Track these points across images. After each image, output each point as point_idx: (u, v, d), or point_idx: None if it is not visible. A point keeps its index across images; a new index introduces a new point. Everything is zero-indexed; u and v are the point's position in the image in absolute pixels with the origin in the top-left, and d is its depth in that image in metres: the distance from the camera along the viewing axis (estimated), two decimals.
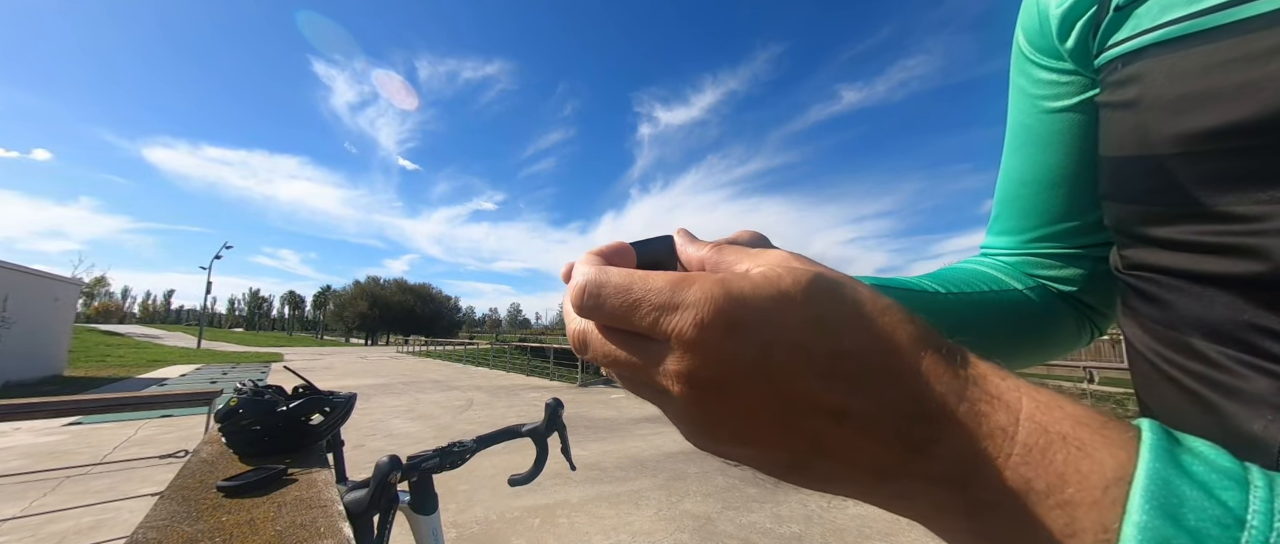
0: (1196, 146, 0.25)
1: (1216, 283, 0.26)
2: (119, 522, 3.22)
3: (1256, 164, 0.24)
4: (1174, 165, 0.27)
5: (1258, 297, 0.25)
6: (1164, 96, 0.27)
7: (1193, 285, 0.28)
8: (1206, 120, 0.25)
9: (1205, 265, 0.27)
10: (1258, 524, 0.13)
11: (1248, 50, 0.23)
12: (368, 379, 12.90)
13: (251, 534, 0.57)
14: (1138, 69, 0.29)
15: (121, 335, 36.73)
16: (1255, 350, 0.25)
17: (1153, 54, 0.28)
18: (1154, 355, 0.31)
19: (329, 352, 30.36)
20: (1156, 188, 0.28)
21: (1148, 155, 0.28)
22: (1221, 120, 0.24)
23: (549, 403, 1.07)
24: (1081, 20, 0.34)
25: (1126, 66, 0.30)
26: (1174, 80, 0.26)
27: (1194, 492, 0.14)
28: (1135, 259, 0.32)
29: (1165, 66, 0.27)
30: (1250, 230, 0.24)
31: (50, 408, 1.90)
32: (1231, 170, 0.25)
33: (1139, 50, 0.29)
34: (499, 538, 3.16)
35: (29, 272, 12.63)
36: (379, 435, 6.18)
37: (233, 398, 0.93)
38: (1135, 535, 0.14)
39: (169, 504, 0.65)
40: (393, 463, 0.80)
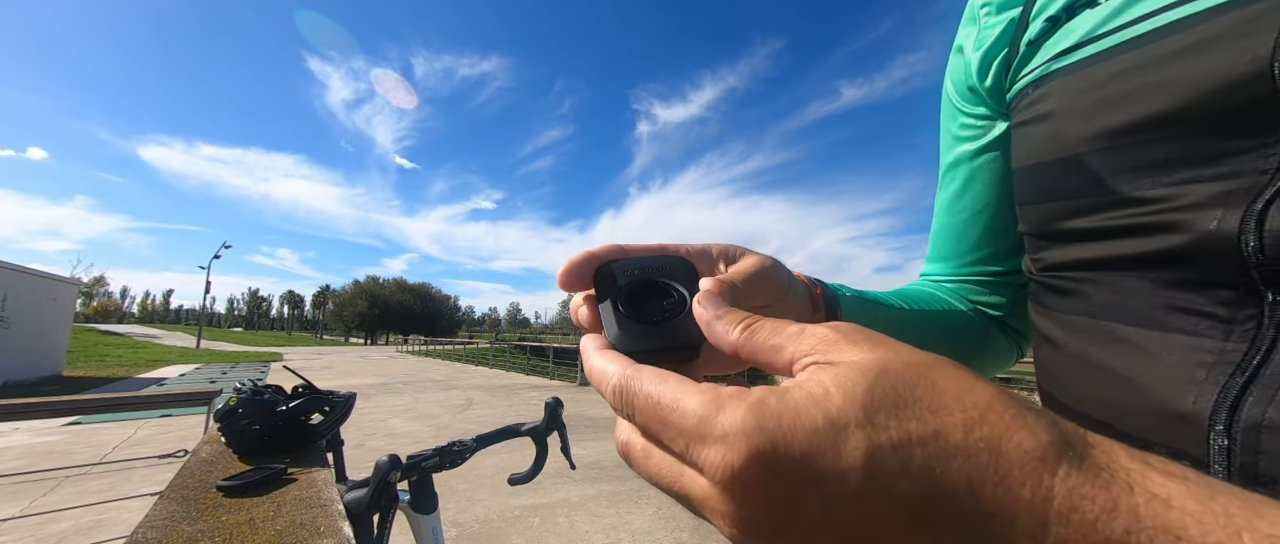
0: (1109, 142, 0.29)
1: (1132, 265, 0.29)
2: (119, 522, 3.22)
3: (1162, 152, 0.27)
4: (1090, 161, 0.30)
5: (1171, 276, 0.27)
6: (1077, 105, 0.31)
7: (1108, 274, 0.31)
8: (1118, 118, 0.29)
9: (1121, 249, 0.30)
10: None
11: (1145, 59, 0.28)
12: (367, 378, 12.90)
13: (251, 534, 0.57)
14: (1049, 88, 0.33)
15: (120, 335, 36.72)
16: (1174, 329, 0.27)
17: (1061, 74, 0.33)
18: (1074, 347, 0.33)
19: (328, 351, 30.34)
20: (1074, 184, 0.32)
21: (1065, 156, 0.32)
22: (1131, 117, 0.28)
23: (549, 402, 1.07)
24: (997, 60, 0.40)
25: (1037, 89, 0.35)
26: (1084, 91, 0.31)
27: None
28: (1050, 260, 0.35)
29: (1075, 81, 0.31)
30: (1163, 208, 0.27)
31: (49, 408, 1.90)
32: (1142, 159, 0.28)
33: (1048, 74, 0.34)
34: (499, 537, 3.16)
35: (28, 271, 12.62)
36: (379, 435, 6.18)
37: (232, 398, 0.93)
38: None
39: (169, 504, 0.65)
40: (392, 462, 0.80)
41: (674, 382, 0.18)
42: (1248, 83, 0.24)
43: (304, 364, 18.01)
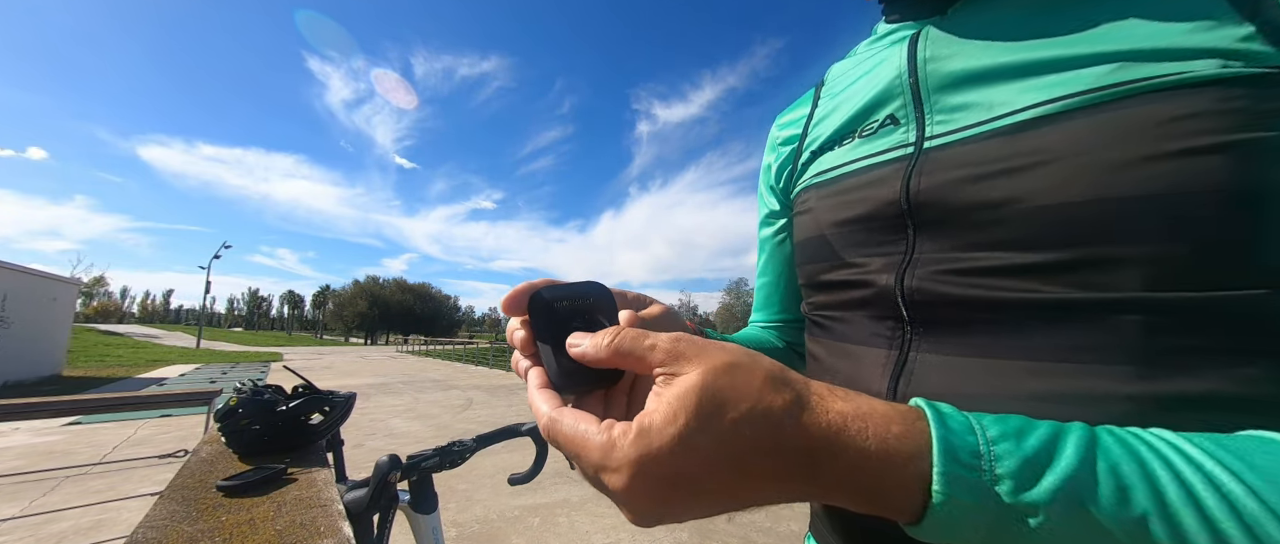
0: (838, 229, 0.46)
1: (853, 307, 0.45)
2: (119, 521, 3.22)
3: (860, 237, 0.44)
4: (830, 238, 0.47)
5: (869, 313, 0.43)
6: (824, 205, 0.49)
7: (842, 312, 0.47)
8: (842, 215, 0.46)
9: (847, 296, 0.46)
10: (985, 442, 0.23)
11: (852, 184, 0.45)
12: (367, 378, 12.90)
13: (251, 534, 0.57)
14: (810, 194, 0.51)
15: (120, 335, 36.71)
16: (872, 345, 0.43)
17: (817, 187, 0.50)
18: (827, 361, 0.49)
19: (328, 351, 30.33)
20: (823, 252, 0.48)
21: (819, 234, 0.49)
22: (846, 215, 0.45)
23: None
24: (784, 171, 0.59)
25: (805, 194, 0.53)
26: (827, 197, 0.48)
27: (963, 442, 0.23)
28: (817, 302, 0.51)
29: (823, 192, 0.49)
30: (864, 271, 0.43)
31: (49, 408, 1.90)
32: (852, 240, 0.45)
33: (811, 185, 0.52)
34: (499, 537, 3.16)
35: (28, 271, 12.61)
36: (379, 435, 6.18)
37: (232, 397, 0.93)
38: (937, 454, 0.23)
39: (169, 504, 0.65)
40: (392, 462, 0.80)
41: (583, 424, 0.26)
42: (892, 204, 0.41)
43: (304, 364, 18.00)
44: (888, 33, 0.48)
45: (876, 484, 0.24)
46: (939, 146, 0.39)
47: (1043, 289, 0.32)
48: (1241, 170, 0.27)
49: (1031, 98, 0.34)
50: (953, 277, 0.37)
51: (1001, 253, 0.34)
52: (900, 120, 0.42)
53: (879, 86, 0.44)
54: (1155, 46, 0.30)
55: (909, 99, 0.42)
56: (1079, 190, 0.30)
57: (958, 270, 0.36)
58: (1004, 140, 0.34)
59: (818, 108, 0.54)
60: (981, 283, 0.35)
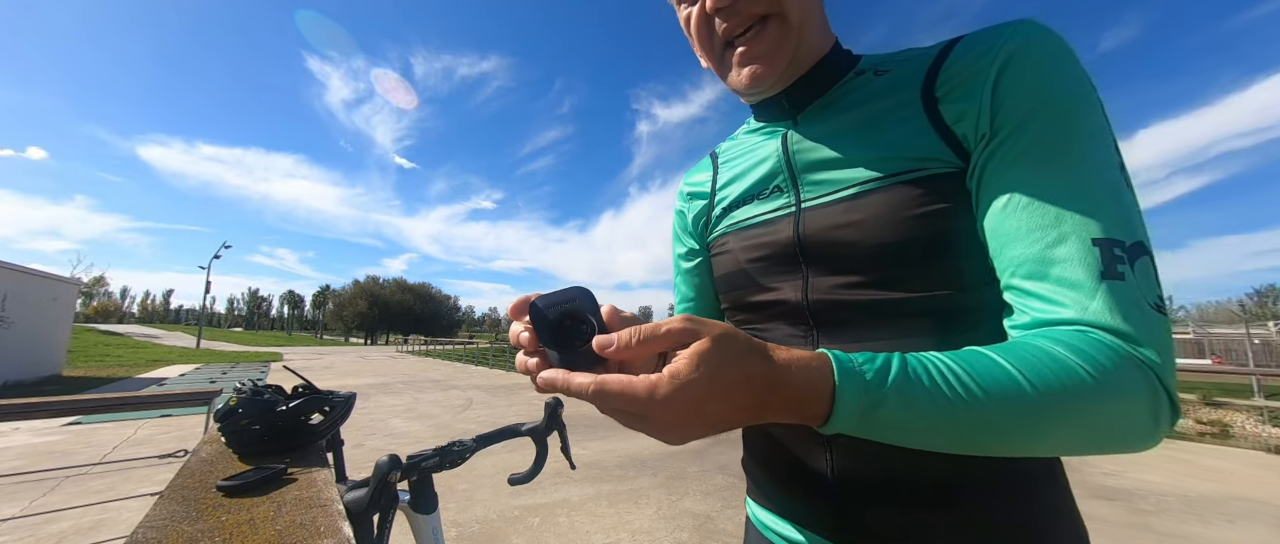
0: (753, 263, 0.63)
1: (772, 319, 0.62)
2: (119, 522, 3.22)
3: (770, 267, 0.61)
4: (748, 270, 0.64)
5: (786, 324, 0.60)
6: (741, 245, 0.65)
7: (764, 324, 0.63)
8: (755, 254, 0.63)
9: (768, 313, 0.62)
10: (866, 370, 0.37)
11: (759, 230, 0.63)
12: (367, 378, 12.90)
13: (251, 534, 0.57)
14: (728, 237, 0.68)
15: (120, 335, 36.70)
16: (796, 343, 0.58)
17: (734, 231, 0.67)
18: None
19: (328, 351, 30.33)
20: (743, 281, 0.65)
21: (738, 268, 0.65)
22: (758, 254, 0.62)
23: (549, 402, 1.07)
24: (700, 219, 0.75)
25: (723, 238, 0.69)
26: (744, 239, 0.65)
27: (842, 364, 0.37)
28: (742, 318, 0.67)
29: (740, 236, 0.66)
30: (777, 293, 0.61)
31: (49, 408, 1.90)
32: (765, 271, 0.62)
33: (727, 231, 0.68)
34: (499, 537, 3.16)
35: (28, 271, 12.60)
36: (379, 435, 6.18)
37: (232, 397, 0.93)
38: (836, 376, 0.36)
39: (169, 504, 0.65)
40: (392, 462, 0.80)
41: (626, 381, 0.35)
42: (790, 244, 0.59)
43: (304, 364, 18.00)
44: (760, 128, 0.68)
45: (804, 399, 0.36)
46: (810, 207, 0.58)
47: (878, 294, 0.52)
48: (941, 225, 0.49)
49: (855, 177, 0.54)
50: (835, 291, 0.55)
51: (856, 275, 0.53)
52: (783, 189, 0.61)
53: (768, 167, 0.64)
54: (910, 154, 0.51)
55: (786, 175, 0.61)
56: (884, 235, 0.51)
57: (836, 286, 0.55)
58: (846, 204, 0.54)
59: (719, 175, 0.73)
60: (850, 294, 0.54)
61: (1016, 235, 0.44)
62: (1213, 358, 25.08)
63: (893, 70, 0.55)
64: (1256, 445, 6.62)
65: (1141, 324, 0.39)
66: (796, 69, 0.59)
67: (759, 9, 0.53)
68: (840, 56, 0.60)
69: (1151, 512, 3.80)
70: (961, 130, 0.48)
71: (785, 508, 0.61)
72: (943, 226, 0.48)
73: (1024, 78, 0.45)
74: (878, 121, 0.54)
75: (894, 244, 0.50)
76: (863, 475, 0.53)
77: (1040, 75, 0.45)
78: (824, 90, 0.60)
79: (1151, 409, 0.38)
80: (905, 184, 0.50)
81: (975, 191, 0.47)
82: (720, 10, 0.54)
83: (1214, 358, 25.09)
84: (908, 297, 0.50)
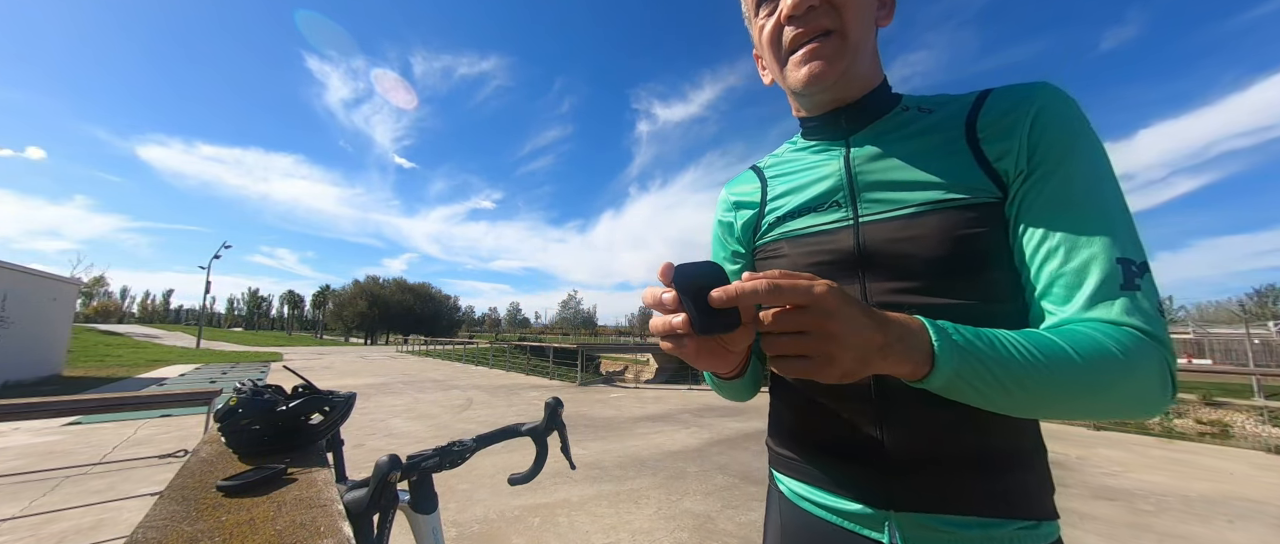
0: (811, 268, 0.68)
1: None
2: (119, 522, 3.22)
3: (831, 273, 0.66)
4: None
5: None
6: (797, 251, 0.71)
7: None
8: (812, 260, 0.69)
9: None
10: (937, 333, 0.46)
11: (818, 238, 0.69)
12: (367, 378, 12.90)
13: (251, 534, 0.57)
14: (781, 245, 0.74)
15: (120, 335, 36.70)
16: None
17: (790, 240, 0.73)
18: None
19: (328, 351, 30.32)
20: None
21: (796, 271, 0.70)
22: (816, 260, 0.68)
23: (549, 402, 1.07)
24: (749, 227, 0.81)
25: (775, 245, 0.75)
26: (796, 247, 0.71)
27: (936, 328, 0.46)
28: None
29: (795, 243, 0.72)
30: None
31: (50, 408, 1.90)
32: (825, 275, 0.53)
33: (780, 238, 0.74)
34: (499, 537, 3.16)
35: (28, 271, 12.60)
36: (379, 435, 6.18)
37: (232, 397, 0.93)
38: (934, 338, 0.46)
39: (169, 504, 0.65)
40: (392, 462, 0.79)
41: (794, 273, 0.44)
42: (850, 253, 0.66)
43: (304, 364, 18.00)
44: (812, 146, 0.76)
45: (912, 352, 0.45)
46: (868, 221, 0.65)
47: (929, 299, 0.60)
48: (985, 245, 0.58)
49: (913, 198, 0.62)
50: (890, 294, 0.62)
51: (911, 282, 0.61)
52: (842, 204, 0.68)
53: (830, 183, 0.70)
54: (960, 183, 0.60)
55: (847, 192, 0.68)
56: (937, 251, 0.59)
57: (892, 291, 0.62)
58: (902, 222, 0.62)
59: (769, 188, 0.79)
60: (903, 299, 0.61)
61: (1057, 253, 0.54)
62: (1210, 359, 25.08)
63: (936, 111, 0.66)
64: (1256, 445, 6.62)
65: (1154, 321, 0.51)
66: (850, 90, 0.69)
67: (826, 23, 0.63)
68: (888, 91, 0.71)
69: (1152, 512, 3.80)
70: (1002, 167, 0.59)
71: (829, 481, 0.66)
72: (985, 246, 0.58)
73: (1054, 128, 0.57)
74: (930, 154, 0.63)
75: (944, 258, 0.59)
76: (911, 449, 0.60)
77: (1068, 128, 0.57)
78: (875, 118, 0.69)
79: (1161, 383, 0.50)
80: (956, 209, 0.59)
81: (1014, 217, 0.58)
82: (793, 19, 0.63)
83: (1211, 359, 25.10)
84: (954, 302, 0.58)
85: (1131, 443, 6.37)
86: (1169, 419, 9.20)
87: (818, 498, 0.67)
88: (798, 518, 0.70)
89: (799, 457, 0.70)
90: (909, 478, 0.60)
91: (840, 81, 0.66)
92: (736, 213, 0.83)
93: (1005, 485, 0.58)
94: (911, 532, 0.59)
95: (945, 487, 0.58)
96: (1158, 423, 8.52)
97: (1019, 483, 0.58)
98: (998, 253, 0.58)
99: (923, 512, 0.58)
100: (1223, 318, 53.12)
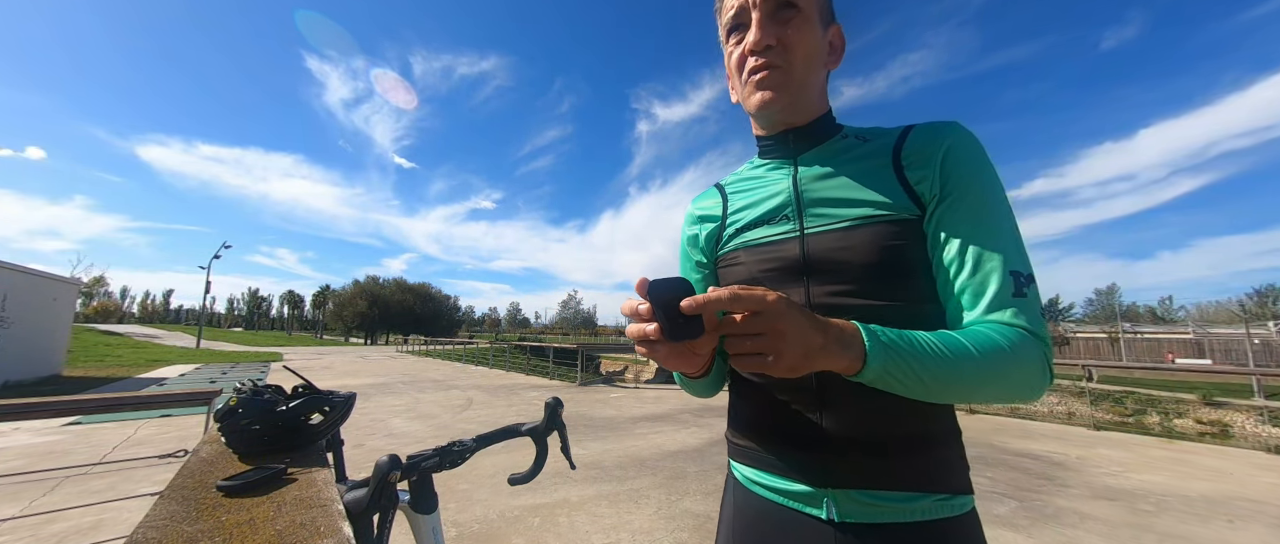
0: (764, 274, 0.77)
1: None
2: (119, 521, 3.22)
3: (780, 278, 0.76)
4: (759, 279, 0.77)
5: None
6: (753, 259, 0.80)
7: None
8: (767, 267, 0.77)
9: None
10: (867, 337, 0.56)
11: (771, 248, 0.78)
12: (367, 378, 12.91)
13: (251, 534, 0.57)
14: (740, 254, 0.82)
15: (120, 335, 36.70)
16: None
17: (747, 249, 0.81)
18: None
19: (328, 351, 30.32)
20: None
21: (748, 279, 0.79)
22: (770, 266, 0.77)
23: (549, 402, 1.07)
24: (712, 238, 0.89)
25: (734, 254, 0.83)
26: (752, 255, 0.80)
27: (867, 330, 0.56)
28: None
29: (751, 252, 0.80)
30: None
31: (49, 408, 1.90)
32: (774, 281, 0.76)
33: (739, 248, 0.82)
34: (499, 537, 3.16)
35: (28, 271, 12.60)
36: (379, 435, 6.18)
37: (232, 397, 0.93)
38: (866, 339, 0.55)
39: (169, 504, 0.65)
40: (392, 462, 0.79)
41: (749, 286, 0.53)
42: (797, 261, 0.75)
43: (304, 364, 18.00)
44: (767, 165, 0.85)
45: (846, 349, 0.54)
46: (812, 233, 0.75)
47: (864, 302, 0.69)
48: (908, 254, 0.69)
49: (849, 214, 0.72)
50: (829, 297, 0.71)
51: (847, 286, 0.70)
52: (790, 218, 0.77)
53: (780, 199, 0.80)
54: (888, 203, 0.70)
55: (794, 207, 0.77)
56: (869, 258, 0.69)
57: (830, 293, 0.72)
58: (840, 234, 0.72)
59: (729, 203, 0.88)
60: (841, 301, 0.70)
61: (964, 266, 0.66)
62: (1210, 359, 25.06)
63: (871, 140, 0.77)
64: (1256, 445, 6.62)
65: (1037, 323, 0.63)
66: (798, 116, 0.79)
67: (778, 61, 0.74)
68: (832, 121, 0.81)
69: (1152, 512, 3.81)
70: (921, 190, 0.70)
71: (777, 465, 0.74)
72: (909, 256, 0.69)
73: (961, 162, 0.69)
74: (864, 176, 0.74)
75: (876, 265, 0.69)
76: (846, 435, 0.69)
77: (973, 162, 0.70)
78: (819, 142, 0.80)
79: (1041, 372, 0.61)
80: (885, 224, 0.70)
81: (930, 233, 0.69)
82: (753, 53, 0.74)
83: (1211, 359, 25.08)
84: (884, 304, 0.68)
85: (1132, 443, 6.37)
86: (1169, 419, 9.20)
87: (767, 481, 0.75)
88: (750, 501, 0.78)
89: (752, 445, 0.78)
90: (844, 460, 0.68)
91: (787, 109, 0.77)
92: (701, 226, 0.92)
93: (924, 464, 0.67)
94: (846, 506, 0.67)
95: (874, 466, 0.67)
96: (1158, 423, 8.53)
97: (936, 461, 0.68)
98: (919, 262, 0.69)
99: (855, 488, 0.67)
100: (1223, 318, 53.09)
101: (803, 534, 0.70)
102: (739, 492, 0.81)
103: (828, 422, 0.69)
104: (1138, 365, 8.38)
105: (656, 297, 0.52)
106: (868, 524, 0.66)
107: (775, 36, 0.73)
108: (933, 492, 0.66)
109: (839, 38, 0.81)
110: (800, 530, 0.71)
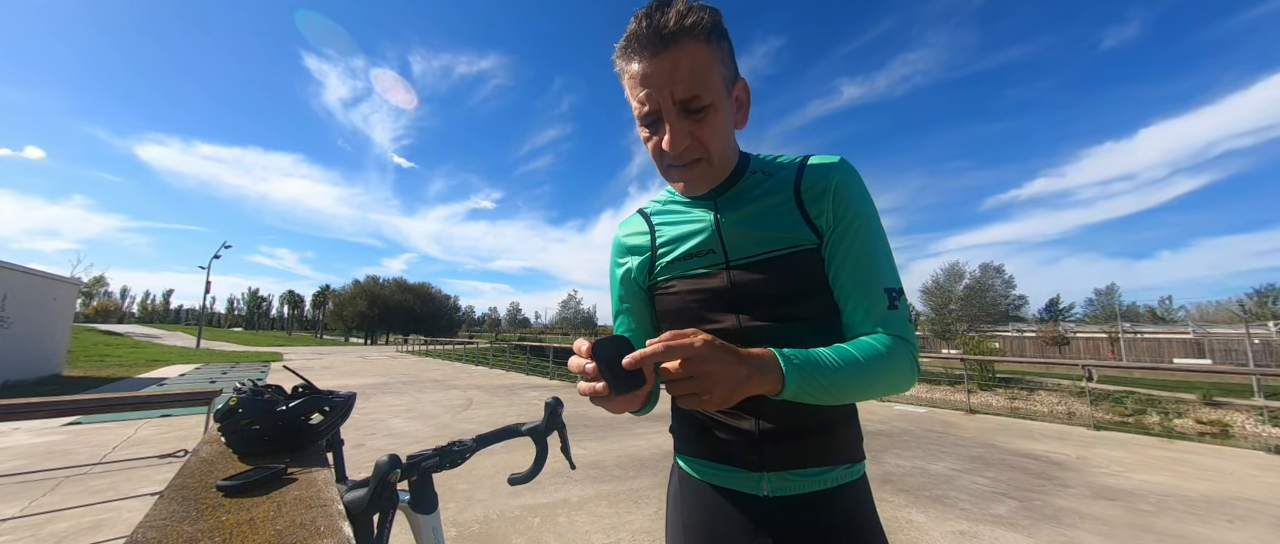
0: (694, 303, 0.88)
1: None
2: (119, 521, 3.22)
3: (711, 305, 0.87)
4: (691, 308, 0.88)
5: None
6: (685, 287, 0.89)
7: None
8: (697, 297, 0.88)
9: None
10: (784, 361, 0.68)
11: (700, 279, 0.88)
12: (367, 378, 12.90)
13: (251, 534, 0.57)
14: (674, 282, 0.91)
15: (120, 335, 36.71)
16: None
17: (681, 278, 0.90)
18: None
19: (328, 351, 30.32)
20: (686, 318, 0.89)
21: (684, 307, 0.89)
22: (701, 295, 0.87)
23: (549, 402, 1.07)
24: (644, 269, 0.96)
25: (668, 283, 0.92)
26: (686, 284, 0.89)
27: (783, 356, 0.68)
28: None
29: (685, 281, 0.89)
30: (716, 324, 0.85)
31: (49, 408, 1.90)
32: (708, 308, 0.87)
33: (672, 277, 0.91)
34: (499, 537, 3.16)
35: (28, 271, 12.60)
36: (379, 434, 6.18)
37: (232, 397, 0.93)
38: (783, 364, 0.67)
39: (169, 504, 0.65)
40: (392, 462, 0.79)
41: (680, 331, 0.63)
42: (726, 289, 0.85)
43: (304, 364, 18.00)
44: (690, 202, 0.92)
45: (766, 376, 0.65)
46: (736, 266, 0.84)
47: (784, 324, 0.81)
48: (814, 278, 0.81)
49: (763, 247, 0.82)
50: (754, 320, 0.82)
51: (769, 309, 0.81)
52: (715, 251, 0.86)
53: (704, 236, 0.87)
54: (794, 235, 0.81)
55: (718, 243, 0.86)
56: (784, 286, 0.81)
57: (756, 317, 0.82)
58: (760, 265, 0.82)
59: (656, 234, 0.95)
60: (765, 324, 0.81)
61: (851, 286, 0.79)
62: (1210, 359, 25.06)
63: (774, 174, 0.85)
64: (1256, 445, 6.62)
65: (906, 329, 0.78)
66: (718, 177, 0.85)
67: (697, 156, 0.79)
68: (743, 162, 0.88)
69: (1152, 512, 3.80)
70: (820, 222, 0.81)
71: (719, 456, 0.87)
72: (815, 279, 0.81)
73: (848, 196, 0.81)
74: (773, 211, 0.83)
75: (791, 291, 0.81)
76: (774, 428, 0.82)
77: (857, 195, 0.82)
78: (734, 185, 0.87)
79: (911, 369, 0.76)
80: (794, 253, 0.81)
81: (828, 259, 0.81)
82: (674, 155, 0.79)
83: (1211, 359, 25.08)
84: (799, 322, 0.81)
85: (1131, 443, 6.37)
86: (1169, 419, 9.19)
87: (711, 470, 0.88)
88: (696, 487, 0.90)
89: (697, 441, 0.90)
90: (773, 448, 0.82)
91: (710, 185, 0.85)
92: (631, 257, 0.99)
93: (831, 443, 0.82)
94: (777, 483, 0.81)
95: (798, 450, 0.81)
96: (1158, 423, 8.52)
97: (840, 440, 0.83)
98: (822, 283, 0.81)
99: (783, 469, 0.81)
100: (1223, 318, 53.06)
101: (745, 507, 0.83)
102: (686, 481, 0.92)
103: (759, 419, 0.83)
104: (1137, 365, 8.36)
105: (601, 355, 0.61)
106: (795, 496, 0.81)
107: (690, 135, 0.77)
108: (839, 464, 0.82)
109: (744, 93, 0.83)
110: (743, 504, 0.84)
